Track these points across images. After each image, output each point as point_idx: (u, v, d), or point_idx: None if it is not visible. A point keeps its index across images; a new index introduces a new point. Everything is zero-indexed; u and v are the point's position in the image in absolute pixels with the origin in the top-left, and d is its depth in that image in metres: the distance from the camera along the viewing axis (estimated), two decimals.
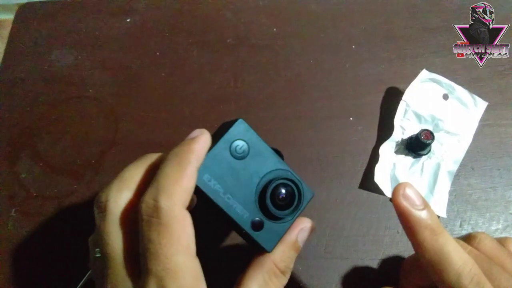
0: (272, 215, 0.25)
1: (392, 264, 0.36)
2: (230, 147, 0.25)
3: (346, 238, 0.37)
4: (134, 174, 0.25)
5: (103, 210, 0.24)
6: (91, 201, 0.39)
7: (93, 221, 0.29)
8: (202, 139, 0.24)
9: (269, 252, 0.26)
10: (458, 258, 0.25)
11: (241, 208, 0.25)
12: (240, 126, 0.26)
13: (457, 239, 0.29)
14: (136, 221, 0.23)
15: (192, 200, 0.32)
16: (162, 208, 0.22)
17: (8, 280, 0.37)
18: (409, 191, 0.26)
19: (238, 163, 0.25)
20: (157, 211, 0.22)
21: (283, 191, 0.26)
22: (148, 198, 0.23)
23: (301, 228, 0.27)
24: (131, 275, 0.23)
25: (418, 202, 0.26)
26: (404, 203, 0.26)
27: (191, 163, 0.23)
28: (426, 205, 0.26)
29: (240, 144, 0.26)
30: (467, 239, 0.30)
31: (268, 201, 0.25)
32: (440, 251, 0.25)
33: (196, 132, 0.25)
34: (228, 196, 0.25)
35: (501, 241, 0.30)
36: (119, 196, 0.24)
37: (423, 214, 0.25)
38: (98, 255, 0.25)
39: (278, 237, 0.26)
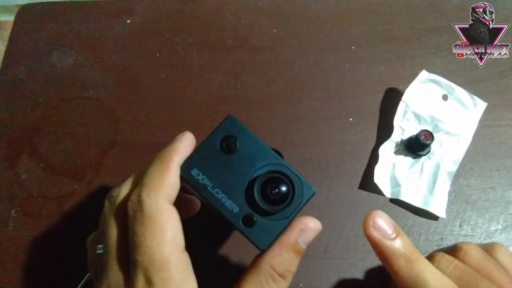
0: (263, 211, 0.25)
1: None
2: (219, 142, 0.26)
3: (346, 238, 0.37)
4: None
5: (113, 204, 0.26)
6: (92, 202, 0.40)
7: (93, 221, 0.29)
8: (183, 139, 0.26)
9: (262, 249, 0.25)
10: (435, 284, 0.24)
11: (230, 203, 0.25)
12: (230, 122, 0.26)
13: (442, 253, 0.29)
14: None
15: (194, 204, 0.32)
16: (144, 201, 0.23)
17: (9, 280, 0.37)
18: (379, 221, 0.25)
19: (229, 158, 0.25)
20: (140, 205, 0.23)
21: (275, 185, 0.25)
22: (133, 195, 0.24)
23: (301, 228, 0.25)
24: (125, 268, 0.24)
25: (389, 231, 0.25)
26: (375, 234, 0.25)
27: (172, 160, 0.25)
28: (398, 233, 0.25)
29: (230, 139, 0.26)
30: (453, 251, 0.30)
31: (257, 195, 0.24)
32: (416, 279, 0.25)
33: (179, 134, 0.27)
34: (216, 190, 0.25)
35: (488, 249, 0.30)
36: (129, 193, 0.26)
37: (396, 244, 0.25)
38: (99, 251, 0.26)
39: (273, 235, 0.25)
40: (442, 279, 0.25)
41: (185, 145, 0.26)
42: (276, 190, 0.25)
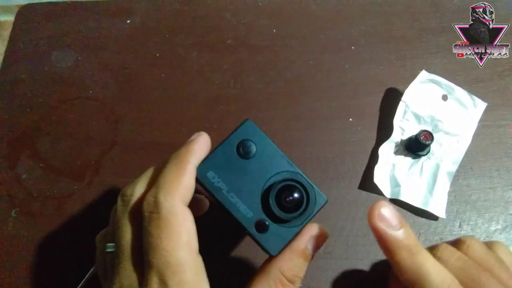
0: (277, 217, 0.25)
1: None
2: (236, 146, 0.26)
3: (346, 238, 0.37)
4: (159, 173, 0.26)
5: (127, 203, 0.25)
6: (92, 202, 0.40)
7: (93, 221, 0.29)
8: (200, 140, 0.26)
9: (273, 255, 0.25)
10: (436, 277, 0.25)
11: (244, 208, 0.25)
12: (248, 126, 0.26)
13: (445, 244, 0.29)
14: None
15: (204, 203, 0.32)
16: (161, 203, 0.23)
17: (9, 280, 0.37)
18: (384, 211, 0.25)
19: (245, 163, 0.26)
20: (156, 207, 0.23)
21: (290, 193, 0.25)
22: (149, 196, 0.24)
23: (311, 235, 0.25)
24: (138, 269, 0.24)
25: (394, 222, 0.25)
26: (379, 224, 0.25)
27: (189, 162, 0.24)
28: (403, 225, 0.25)
29: (247, 143, 0.26)
30: (456, 244, 0.30)
31: (272, 202, 0.25)
32: (418, 271, 0.25)
33: (195, 135, 0.26)
34: (231, 194, 0.25)
35: (489, 246, 0.30)
36: (144, 193, 0.25)
37: (399, 235, 0.25)
38: (110, 249, 0.26)
39: (285, 242, 0.25)
40: (443, 272, 0.25)
41: (201, 146, 0.25)
42: (290, 198, 0.25)
